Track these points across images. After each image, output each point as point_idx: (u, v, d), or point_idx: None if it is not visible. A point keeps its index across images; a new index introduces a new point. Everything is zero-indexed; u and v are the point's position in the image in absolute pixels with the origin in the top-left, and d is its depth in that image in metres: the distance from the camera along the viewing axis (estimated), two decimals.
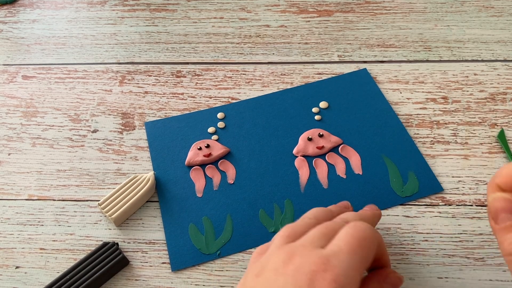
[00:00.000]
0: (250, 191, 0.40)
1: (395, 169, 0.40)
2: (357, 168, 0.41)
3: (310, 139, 0.42)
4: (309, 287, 0.24)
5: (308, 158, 0.42)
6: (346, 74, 0.48)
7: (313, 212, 0.31)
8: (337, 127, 0.43)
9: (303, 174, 0.41)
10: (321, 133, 0.42)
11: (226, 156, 0.42)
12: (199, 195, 0.40)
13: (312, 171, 0.41)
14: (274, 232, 0.37)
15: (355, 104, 0.45)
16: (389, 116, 0.44)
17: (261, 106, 0.46)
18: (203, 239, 0.37)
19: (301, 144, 0.42)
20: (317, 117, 0.44)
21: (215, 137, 0.43)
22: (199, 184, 0.41)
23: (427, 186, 0.39)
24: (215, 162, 0.42)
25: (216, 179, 0.41)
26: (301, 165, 0.41)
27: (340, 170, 0.41)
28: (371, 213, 0.32)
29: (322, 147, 0.42)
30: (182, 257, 0.36)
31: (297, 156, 0.42)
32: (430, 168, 0.40)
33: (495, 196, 0.27)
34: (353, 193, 0.39)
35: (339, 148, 0.42)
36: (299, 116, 0.44)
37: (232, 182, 0.40)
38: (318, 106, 0.45)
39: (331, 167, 0.41)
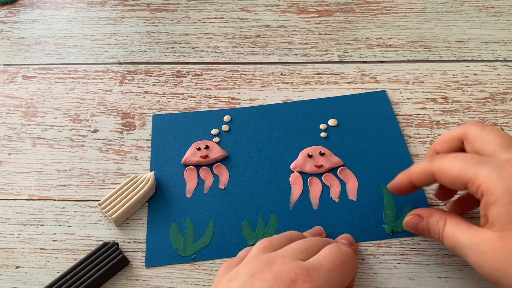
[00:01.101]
0: (239, 199, 0.39)
1: (391, 201, 0.38)
2: (352, 193, 0.39)
3: (310, 156, 0.41)
4: None
5: (304, 175, 0.40)
6: (363, 93, 0.46)
7: (289, 233, 0.31)
8: (341, 147, 0.42)
9: (296, 190, 0.40)
10: (322, 152, 0.41)
11: (222, 160, 0.42)
12: (188, 195, 0.40)
13: (305, 189, 0.40)
14: (253, 245, 0.37)
15: (365, 126, 0.43)
16: (398, 145, 0.42)
17: (269, 115, 0.45)
18: (182, 241, 0.37)
19: (300, 160, 0.41)
20: (323, 134, 0.43)
21: (216, 139, 0.43)
22: (191, 184, 0.40)
23: None
24: (210, 165, 0.42)
25: (208, 182, 0.41)
26: (295, 181, 0.40)
27: (334, 193, 0.39)
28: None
29: (321, 166, 0.40)
30: (158, 255, 0.36)
31: (293, 172, 0.41)
32: (429, 206, 0.38)
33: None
34: (342, 219, 0.38)
35: (338, 170, 0.40)
36: (305, 131, 0.43)
37: (223, 187, 0.40)
38: (326, 123, 0.44)
39: (325, 188, 0.40)
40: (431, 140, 0.42)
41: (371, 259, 0.36)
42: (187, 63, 0.50)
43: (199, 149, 0.42)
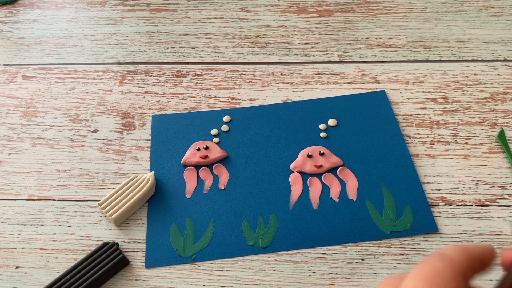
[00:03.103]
0: (239, 199, 0.39)
1: (391, 200, 0.38)
2: (352, 193, 0.39)
3: (309, 156, 0.41)
4: None
5: (304, 175, 0.40)
6: (363, 93, 0.46)
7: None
8: (341, 147, 0.42)
9: (295, 190, 0.40)
10: (322, 152, 0.41)
11: (222, 160, 0.42)
12: (188, 196, 0.40)
13: (305, 189, 0.40)
14: (253, 246, 0.37)
15: (365, 126, 0.43)
16: (397, 144, 0.42)
17: (268, 115, 0.45)
18: (181, 241, 0.37)
19: (300, 160, 0.41)
20: (322, 134, 0.43)
21: (216, 139, 0.43)
22: (190, 185, 0.40)
23: (421, 224, 0.37)
24: (210, 165, 0.42)
25: (208, 182, 0.41)
26: (295, 181, 0.40)
27: (334, 193, 0.39)
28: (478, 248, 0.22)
29: (321, 166, 0.40)
30: (158, 256, 0.37)
31: (293, 172, 0.41)
32: (429, 206, 0.38)
33: None
34: (342, 219, 0.38)
35: (338, 170, 0.40)
36: (305, 131, 0.43)
37: (223, 188, 0.40)
38: (326, 123, 0.44)
39: (325, 188, 0.40)
40: (431, 140, 0.42)
41: (371, 259, 0.36)
42: (187, 63, 0.50)
43: (198, 149, 0.42)
